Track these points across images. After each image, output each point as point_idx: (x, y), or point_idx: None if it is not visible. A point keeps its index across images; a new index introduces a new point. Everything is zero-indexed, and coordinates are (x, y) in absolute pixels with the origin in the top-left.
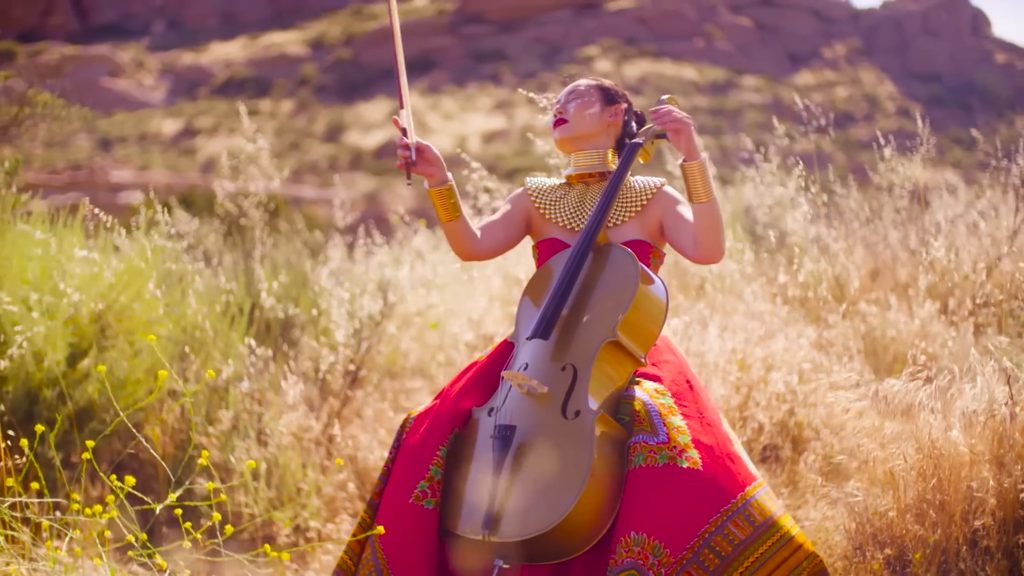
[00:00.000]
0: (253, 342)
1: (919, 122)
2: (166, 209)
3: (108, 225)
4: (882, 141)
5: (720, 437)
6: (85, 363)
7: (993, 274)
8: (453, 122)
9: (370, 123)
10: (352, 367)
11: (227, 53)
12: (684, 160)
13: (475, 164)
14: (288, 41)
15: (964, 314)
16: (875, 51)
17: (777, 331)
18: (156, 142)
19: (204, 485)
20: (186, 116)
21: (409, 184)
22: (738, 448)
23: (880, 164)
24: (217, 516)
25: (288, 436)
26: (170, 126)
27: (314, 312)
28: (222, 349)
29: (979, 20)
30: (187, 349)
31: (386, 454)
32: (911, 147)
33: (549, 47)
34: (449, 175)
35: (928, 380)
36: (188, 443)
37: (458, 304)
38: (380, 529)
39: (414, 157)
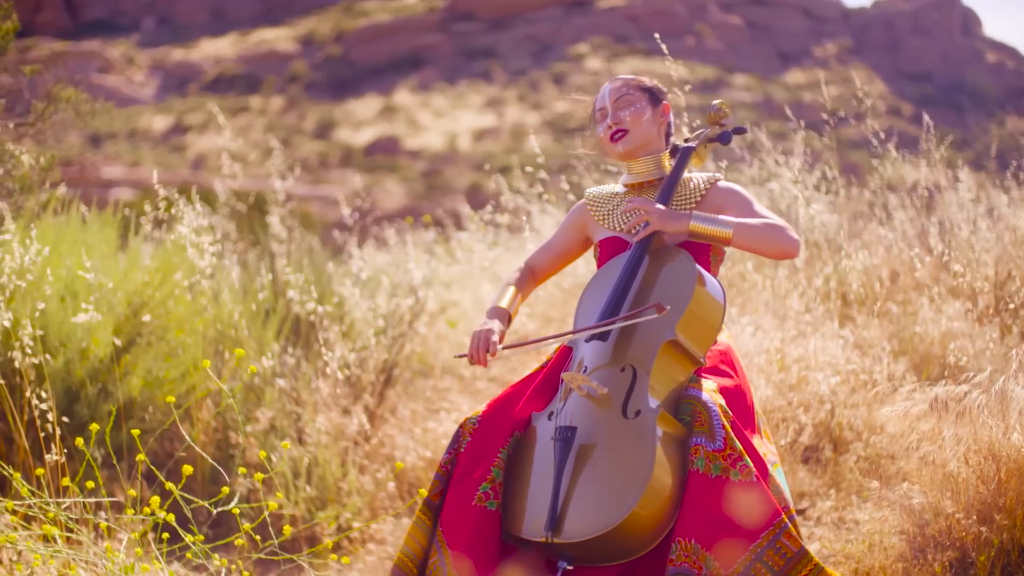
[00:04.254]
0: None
1: (926, 120)
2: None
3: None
4: (877, 140)
5: (765, 455)
6: (127, 359)
7: (1015, 275)
8: (444, 119)
9: (360, 120)
10: (386, 365)
11: (217, 50)
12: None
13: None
14: (278, 38)
15: (989, 314)
16: (866, 50)
17: (810, 331)
18: (146, 138)
19: (244, 485)
20: (176, 112)
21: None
22: (778, 469)
23: (886, 164)
24: (273, 505)
25: (326, 435)
26: (160, 122)
27: (344, 310)
28: (256, 348)
29: (970, 19)
30: (222, 347)
31: (426, 453)
32: (917, 147)
33: (540, 45)
34: (502, 325)
35: (954, 383)
36: (226, 442)
37: (479, 304)
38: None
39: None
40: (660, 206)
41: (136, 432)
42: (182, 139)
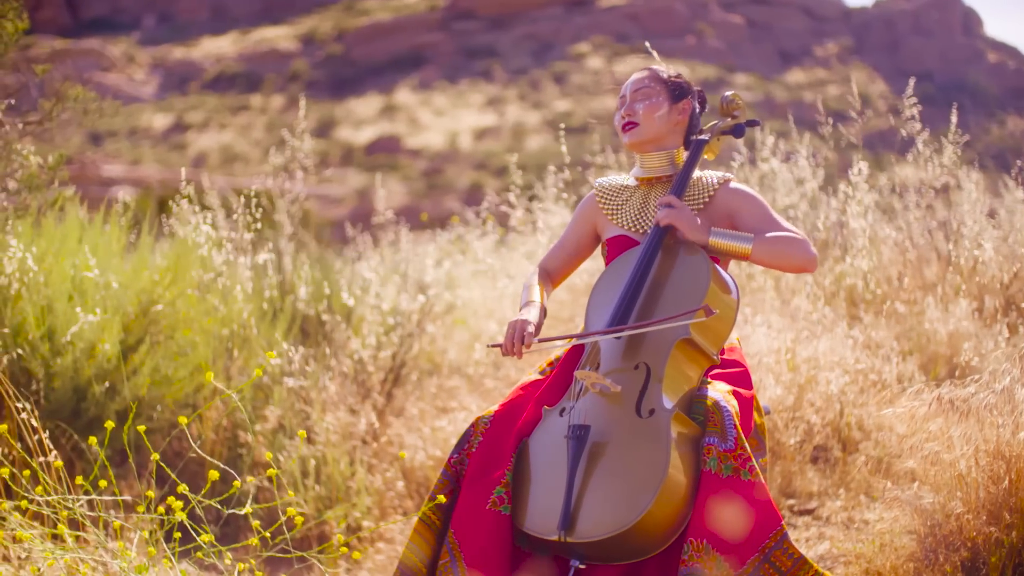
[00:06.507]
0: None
1: (951, 117)
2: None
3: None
4: (906, 139)
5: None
6: (134, 358)
7: (1021, 275)
8: (444, 118)
9: (361, 119)
10: (395, 364)
11: (218, 48)
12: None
13: None
14: (279, 36)
15: (997, 314)
16: (866, 50)
17: (819, 330)
18: (146, 136)
19: (254, 483)
20: (176, 111)
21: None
22: None
23: (904, 163)
24: (292, 511)
25: (335, 434)
26: (160, 121)
27: (352, 309)
28: (265, 346)
29: (971, 19)
30: (231, 346)
31: (435, 452)
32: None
33: (540, 44)
34: (538, 317)
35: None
36: (235, 441)
37: (486, 303)
38: (450, 537)
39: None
40: (689, 210)
41: (173, 449)
42: (182, 137)
